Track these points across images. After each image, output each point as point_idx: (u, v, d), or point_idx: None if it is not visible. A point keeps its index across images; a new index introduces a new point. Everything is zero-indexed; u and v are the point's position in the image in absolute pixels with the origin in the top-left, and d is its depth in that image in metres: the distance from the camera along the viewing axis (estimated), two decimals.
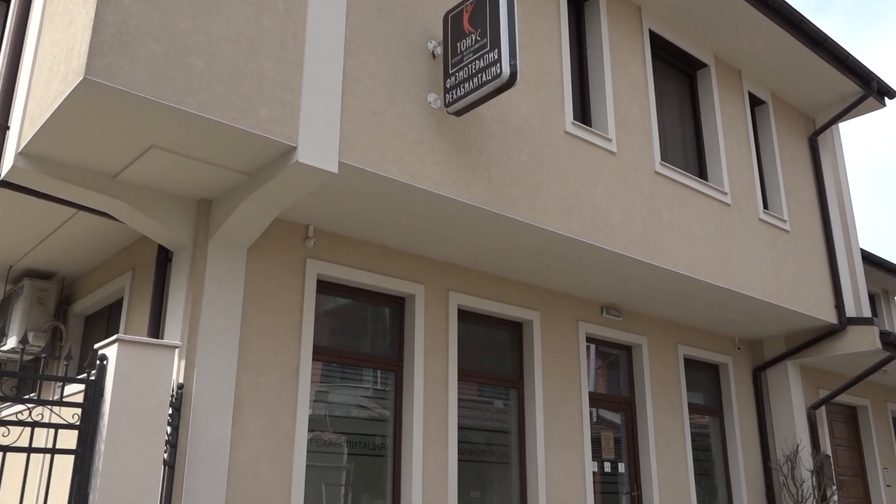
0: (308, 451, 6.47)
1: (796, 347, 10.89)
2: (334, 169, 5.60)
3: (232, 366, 6.00)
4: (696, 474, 10.03)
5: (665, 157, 9.08)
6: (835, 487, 10.88)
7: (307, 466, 6.45)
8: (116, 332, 7.31)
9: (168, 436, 5.35)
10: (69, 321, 8.05)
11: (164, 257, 6.36)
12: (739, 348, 11.17)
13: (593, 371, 9.50)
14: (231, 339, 6.04)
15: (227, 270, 6.14)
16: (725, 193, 9.43)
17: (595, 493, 8.78)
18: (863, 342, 10.41)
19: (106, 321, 7.66)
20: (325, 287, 7.02)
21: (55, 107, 4.83)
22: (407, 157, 6.17)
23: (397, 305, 7.55)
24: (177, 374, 5.81)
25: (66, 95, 4.69)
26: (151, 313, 6.20)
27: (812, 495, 10.30)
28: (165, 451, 5.28)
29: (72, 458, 4.35)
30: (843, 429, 12.60)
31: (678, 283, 8.69)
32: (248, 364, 6.18)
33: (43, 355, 4.46)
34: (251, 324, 6.28)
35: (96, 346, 4.72)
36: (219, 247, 6.14)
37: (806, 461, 10.56)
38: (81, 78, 4.52)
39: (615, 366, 9.82)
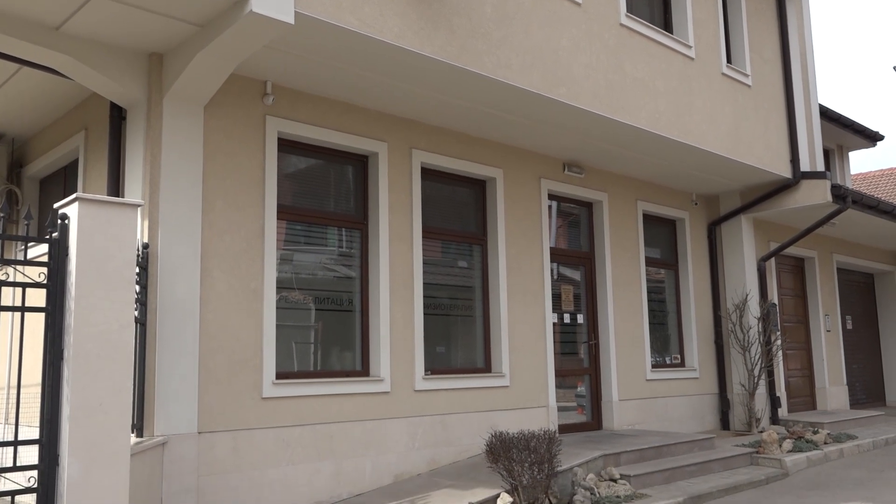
0: (278, 309, 6.61)
1: (751, 202, 11.19)
2: (290, 19, 5.37)
3: (196, 225, 5.99)
4: (650, 324, 10.51)
5: (631, 9, 8.87)
6: (779, 333, 11.54)
7: (279, 326, 6.60)
8: (74, 194, 7.18)
9: (137, 294, 5.40)
10: (23, 184, 7.86)
11: (117, 115, 6.16)
12: (696, 203, 11.44)
13: (555, 227, 9.70)
14: (193, 199, 5.99)
15: (185, 128, 5.99)
16: (690, 47, 9.33)
17: (555, 342, 9.19)
18: (814, 195, 10.73)
19: (62, 183, 7.50)
20: (287, 145, 6.92)
21: None
22: (366, 6, 5.94)
23: (360, 164, 7.50)
24: (141, 234, 5.79)
25: None
26: (109, 174, 6.09)
27: (757, 340, 10.94)
28: (136, 310, 5.35)
29: (42, 316, 4.39)
30: (789, 279, 13.22)
31: (639, 138, 8.74)
32: (213, 223, 6.17)
33: (2, 216, 4.38)
34: (213, 183, 6.21)
35: (56, 205, 4.65)
36: (174, 104, 5.95)
37: (753, 309, 11.13)
38: None
39: (576, 223, 10.03)
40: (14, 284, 4.33)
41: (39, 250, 6.15)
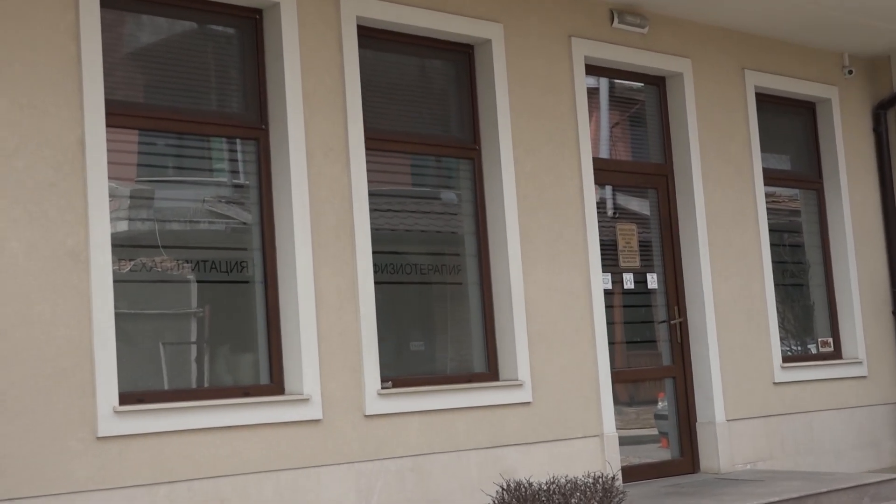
0: (122, 283, 6.62)
1: None
2: None
3: None
4: (776, 287, 10.54)
5: None
6: None
7: (125, 315, 6.63)
8: None
9: None
10: None
11: None
12: (851, 72, 11.40)
13: (606, 125, 9.70)
14: None
15: None
16: None
17: (613, 321, 9.18)
18: None
19: None
20: None
21: None
22: None
23: (250, 23, 7.47)
24: None
25: None
26: None
27: None
28: None
29: None
30: None
31: None
32: None
33: None
34: None
35: None
36: None
37: None
38: None
39: (638, 116, 10.02)
40: None
41: None
